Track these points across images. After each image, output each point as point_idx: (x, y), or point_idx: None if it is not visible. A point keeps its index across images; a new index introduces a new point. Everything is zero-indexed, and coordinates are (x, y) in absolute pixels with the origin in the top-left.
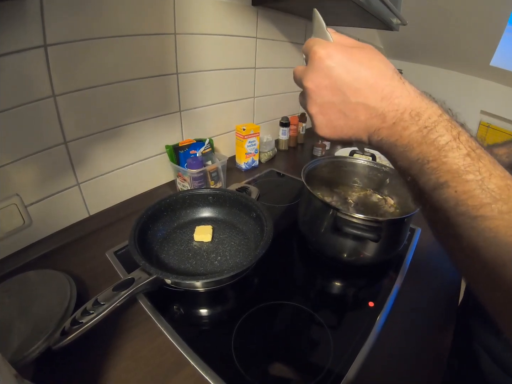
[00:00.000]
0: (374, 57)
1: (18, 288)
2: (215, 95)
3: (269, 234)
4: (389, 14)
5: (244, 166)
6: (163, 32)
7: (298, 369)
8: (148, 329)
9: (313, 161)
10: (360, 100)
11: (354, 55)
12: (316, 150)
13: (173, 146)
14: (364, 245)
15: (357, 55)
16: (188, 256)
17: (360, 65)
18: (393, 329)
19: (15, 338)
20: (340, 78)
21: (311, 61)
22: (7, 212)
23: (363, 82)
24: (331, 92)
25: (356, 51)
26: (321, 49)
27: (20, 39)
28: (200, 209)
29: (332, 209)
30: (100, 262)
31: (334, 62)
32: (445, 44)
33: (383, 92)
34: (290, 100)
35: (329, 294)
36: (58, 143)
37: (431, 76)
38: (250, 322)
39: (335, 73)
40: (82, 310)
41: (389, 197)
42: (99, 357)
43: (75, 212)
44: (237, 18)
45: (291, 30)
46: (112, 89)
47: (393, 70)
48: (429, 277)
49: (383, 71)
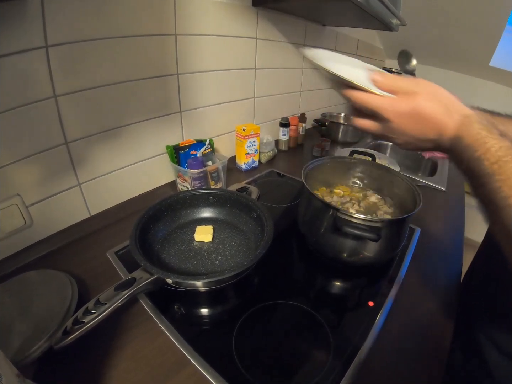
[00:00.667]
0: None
1: (19, 288)
2: (215, 96)
3: (269, 234)
4: (388, 14)
5: (244, 166)
6: (163, 33)
7: (298, 368)
8: (149, 328)
9: (313, 161)
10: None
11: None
12: (316, 151)
13: (173, 147)
14: (364, 245)
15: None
16: (189, 256)
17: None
18: (392, 328)
19: (16, 338)
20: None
21: (407, 101)
22: (8, 212)
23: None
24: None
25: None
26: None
27: (21, 39)
28: (201, 209)
29: (332, 209)
30: (101, 262)
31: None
32: (444, 44)
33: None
34: (290, 100)
35: (329, 294)
36: (59, 144)
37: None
38: (251, 321)
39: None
40: (84, 309)
41: (388, 197)
42: (100, 357)
43: (76, 212)
44: (237, 18)
45: (291, 31)
46: (113, 89)
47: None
48: (428, 277)
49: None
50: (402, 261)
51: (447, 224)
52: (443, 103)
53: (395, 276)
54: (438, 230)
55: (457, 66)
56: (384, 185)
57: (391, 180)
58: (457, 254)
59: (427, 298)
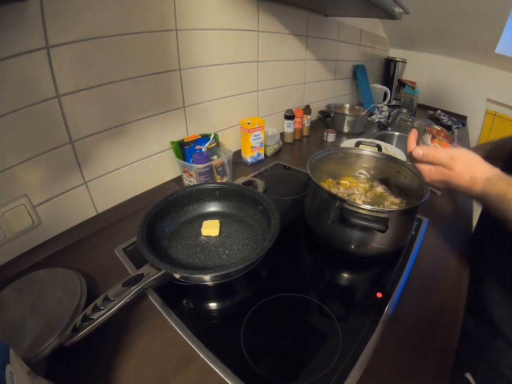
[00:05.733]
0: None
1: (29, 286)
2: (218, 90)
3: (276, 227)
4: (391, 3)
5: (249, 159)
6: (164, 29)
7: (307, 360)
8: (158, 323)
9: (319, 152)
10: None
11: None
12: (330, 136)
13: (178, 142)
14: (371, 236)
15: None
16: (196, 251)
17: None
18: (401, 319)
19: (27, 335)
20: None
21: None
22: (16, 213)
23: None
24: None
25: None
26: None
27: (22, 41)
28: (207, 204)
29: (339, 200)
30: (109, 259)
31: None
32: (449, 31)
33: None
34: (294, 92)
35: (337, 286)
36: (64, 143)
37: (436, 64)
38: (259, 315)
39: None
40: (93, 306)
41: (395, 187)
42: (110, 352)
43: (83, 210)
44: (238, 11)
45: (293, 22)
46: (116, 87)
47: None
48: (436, 268)
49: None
50: (410, 251)
51: (456, 213)
52: (470, 175)
53: (404, 267)
54: (447, 220)
55: (462, 54)
56: (390, 175)
57: (398, 170)
58: (466, 244)
59: (436, 289)
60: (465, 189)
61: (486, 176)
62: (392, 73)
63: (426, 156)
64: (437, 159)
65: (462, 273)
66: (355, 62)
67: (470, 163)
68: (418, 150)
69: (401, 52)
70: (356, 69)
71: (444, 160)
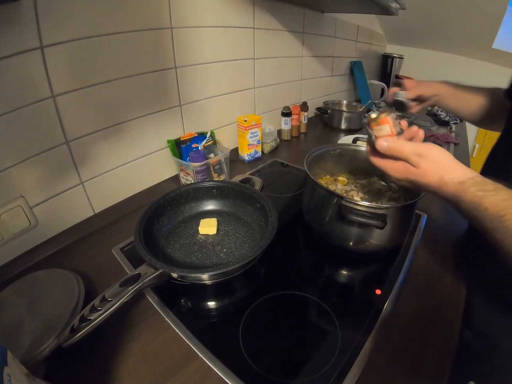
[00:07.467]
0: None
1: (27, 288)
2: (215, 88)
3: (273, 225)
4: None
5: (247, 157)
6: (159, 27)
7: (306, 358)
8: (156, 323)
9: (316, 149)
10: None
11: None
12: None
13: (174, 141)
14: (369, 233)
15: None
16: (194, 250)
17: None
18: (400, 316)
19: (25, 337)
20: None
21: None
22: (13, 214)
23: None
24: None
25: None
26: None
27: (16, 42)
28: (204, 202)
29: (336, 197)
30: (107, 259)
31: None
32: (446, 27)
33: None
34: (290, 89)
35: (336, 283)
36: (60, 143)
37: (433, 60)
38: (258, 313)
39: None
40: (90, 307)
41: (393, 184)
42: (108, 353)
43: (80, 210)
44: (234, 9)
45: (288, 19)
46: (111, 86)
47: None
48: (436, 264)
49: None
50: (409, 248)
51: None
52: (439, 175)
53: (402, 264)
54: (445, 216)
55: (460, 49)
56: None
57: None
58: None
59: (435, 285)
60: (434, 189)
61: (459, 180)
62: (389, 69)
63: (391, 149)
64: (402, 152)
65: (461, 268)
66: (352, 58)
67: (439, 162)
68: (382, 142)
69: (398, 48)
70: (353, 65)
71: (408, 154)
